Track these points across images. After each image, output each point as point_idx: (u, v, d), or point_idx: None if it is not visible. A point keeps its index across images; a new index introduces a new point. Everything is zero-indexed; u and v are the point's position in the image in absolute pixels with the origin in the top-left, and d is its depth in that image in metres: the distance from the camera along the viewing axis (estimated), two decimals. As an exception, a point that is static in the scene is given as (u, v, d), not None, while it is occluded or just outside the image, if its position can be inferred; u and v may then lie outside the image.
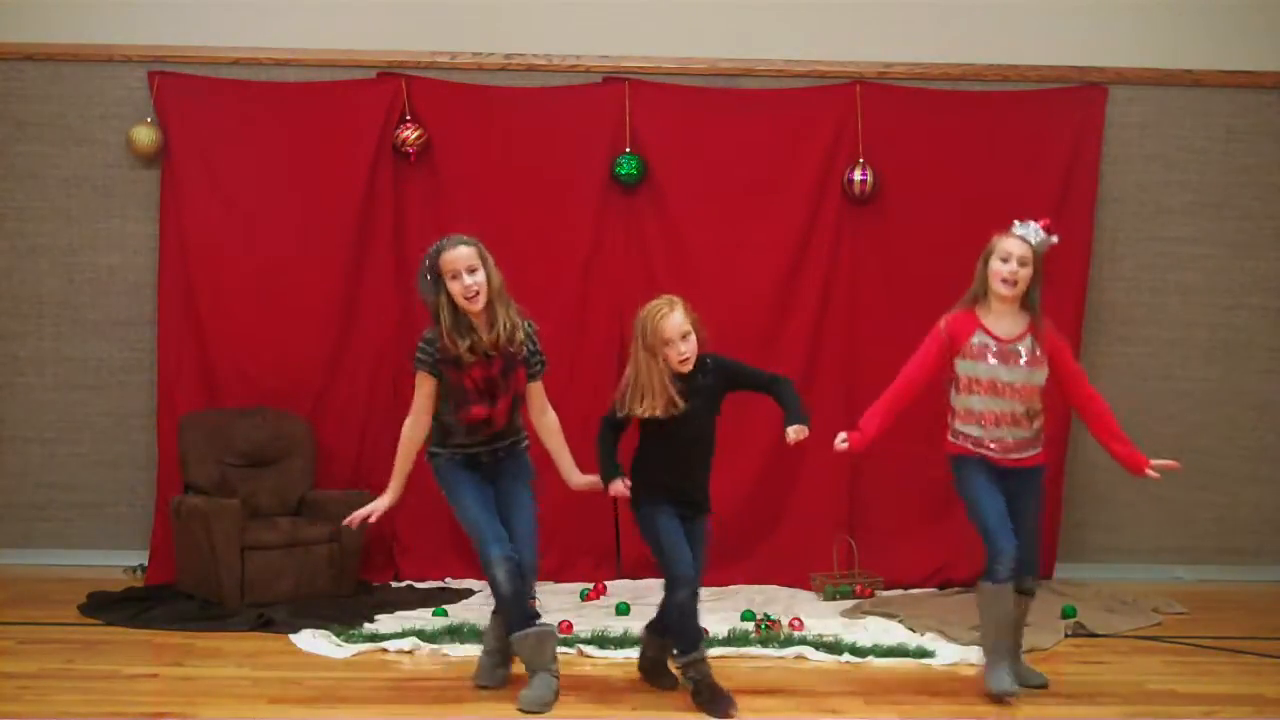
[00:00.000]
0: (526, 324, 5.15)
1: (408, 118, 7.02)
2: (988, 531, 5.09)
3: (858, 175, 7.06)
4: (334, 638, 5.83)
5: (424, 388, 5.10)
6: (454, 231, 7.08)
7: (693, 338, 4.97)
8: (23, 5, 7.07)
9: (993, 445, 5.16)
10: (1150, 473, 5.20)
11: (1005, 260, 5.09)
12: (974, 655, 5.56)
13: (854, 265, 7.15)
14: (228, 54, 7.09)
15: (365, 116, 7.02)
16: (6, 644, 5.71)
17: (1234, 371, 7.45)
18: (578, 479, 5.27)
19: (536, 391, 5.22)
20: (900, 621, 6.22)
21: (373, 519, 5.21)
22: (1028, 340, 5.16)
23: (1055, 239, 5.17)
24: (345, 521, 5.25)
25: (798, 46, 7.20)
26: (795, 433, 4.99)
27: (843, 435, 5.12)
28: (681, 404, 4.96)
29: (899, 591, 6.75)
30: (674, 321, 4.95)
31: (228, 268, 6.98)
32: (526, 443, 5.27)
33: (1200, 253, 7.40)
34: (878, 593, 6.82)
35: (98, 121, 7.10)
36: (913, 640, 5.92)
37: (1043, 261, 5.14)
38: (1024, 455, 5.19)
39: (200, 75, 7.06)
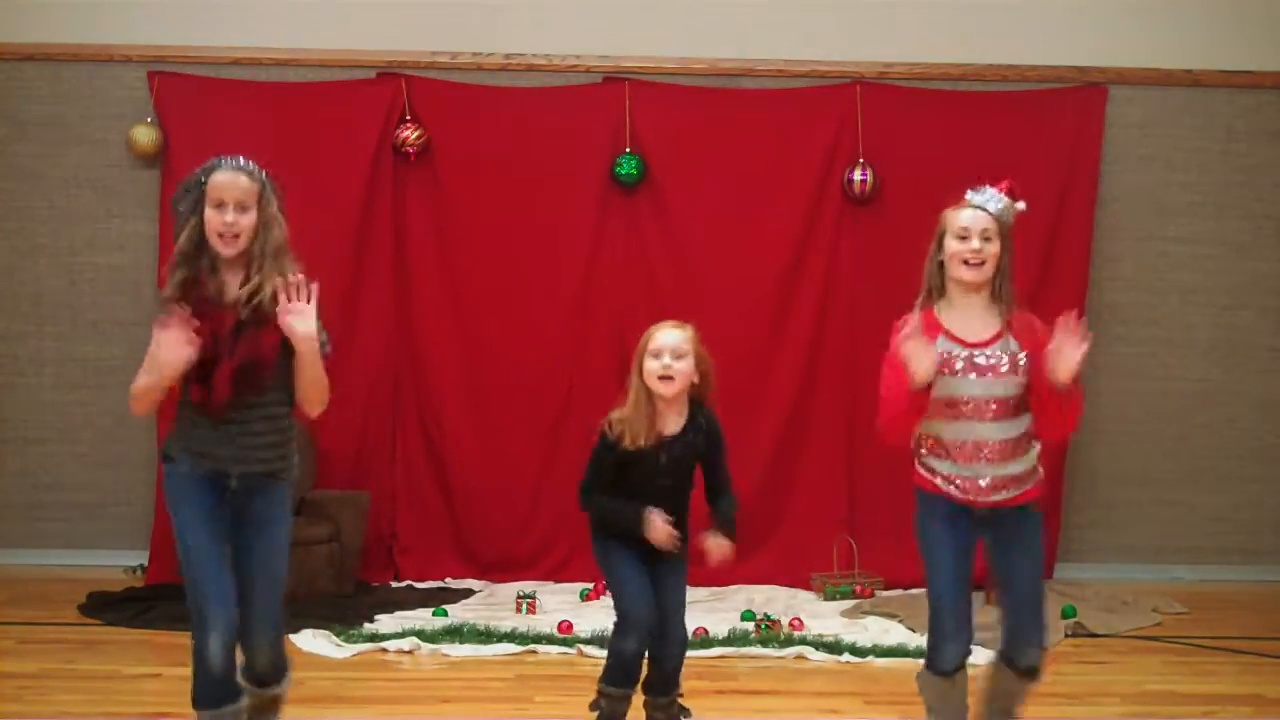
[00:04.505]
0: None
1: (408, 118, 7.02)
2: (935, 611, 4.04)
3: (858, 175, 7.06)
4: (334, 638, 5.82)
5: None
6: (456, 232, 7.19)
7: (686, 362, 4.32)
8: (23, 5, 7.06)
9: (967, 486, 3.99)
10: None
11: (964, 238, 4.00)
12: (975, 656, 5.54)
13: (854, 265, 7.15)
14: (228, 54, 7.08)
15: (365, 116, 7.02)
16: (6, 644, 5.70)
17: (1234, 371, 7.45)
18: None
19: None
20: (900, 621, 6.21)
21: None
22: (1005, 342, 3.99)
23: (1022, 205, 4.08)
24: None
25: (798, 46, 7.20)
26: (715, 544, 4.43)
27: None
28: (661, 435, 4.34)
29: (899, 591, 6.74)
30: (669, 335, 4.34)
31: (227, 268, 6.98)
32: (295, 474, 4.07)
33: (1200, 253, 7.40)
34: (878, 593, 6.82)
35: (98, 121, 7.10)
36: (913, 640, 5.90)
37: (1011, 235, 4.02)
38: (1008, 495, 4.00)
39: (200, 75, 7.05)
